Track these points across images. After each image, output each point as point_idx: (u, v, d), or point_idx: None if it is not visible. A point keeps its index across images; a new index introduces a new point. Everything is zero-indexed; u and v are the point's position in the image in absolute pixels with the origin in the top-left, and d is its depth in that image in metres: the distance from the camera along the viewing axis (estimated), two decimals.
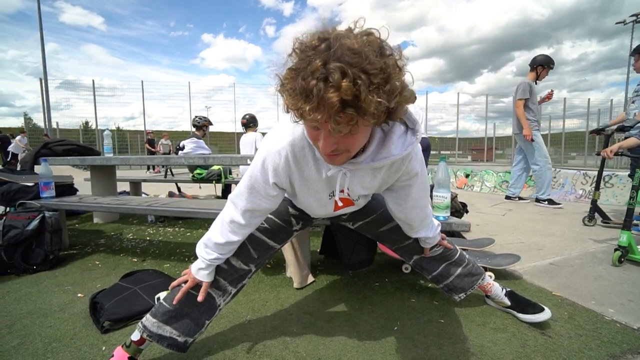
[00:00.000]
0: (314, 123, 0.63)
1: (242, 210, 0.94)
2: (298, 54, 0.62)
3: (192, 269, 1.00)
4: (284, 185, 0.91)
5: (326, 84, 0.57)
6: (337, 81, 0.56)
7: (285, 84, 0.64)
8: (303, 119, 0.63)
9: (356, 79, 0.57)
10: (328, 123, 0.61)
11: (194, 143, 3.72)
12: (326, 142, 0.68)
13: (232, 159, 2.29)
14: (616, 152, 2.46)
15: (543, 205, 3.98)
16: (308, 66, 0.59)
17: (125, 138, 17.42)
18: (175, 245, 2.36)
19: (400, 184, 0.97)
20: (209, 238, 0.99)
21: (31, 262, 1.84)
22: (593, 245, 2.35)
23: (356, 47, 0.58)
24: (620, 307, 1.41)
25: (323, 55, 0.58)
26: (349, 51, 0.57)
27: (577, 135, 17.18)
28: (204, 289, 0.99)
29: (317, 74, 0.58)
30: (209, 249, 0.98)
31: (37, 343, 1.16)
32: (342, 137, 0.66)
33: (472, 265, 1.29)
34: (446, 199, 1.61)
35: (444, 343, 1.15)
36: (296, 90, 0.60)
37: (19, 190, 2.33)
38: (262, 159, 0.87)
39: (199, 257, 1.00)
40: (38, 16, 11.60)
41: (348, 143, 0.70)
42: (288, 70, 0.63)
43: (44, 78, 12.10)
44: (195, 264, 1.01)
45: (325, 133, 0.67)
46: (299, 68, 0.61)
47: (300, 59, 0.61)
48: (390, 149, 0.80)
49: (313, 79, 0.58)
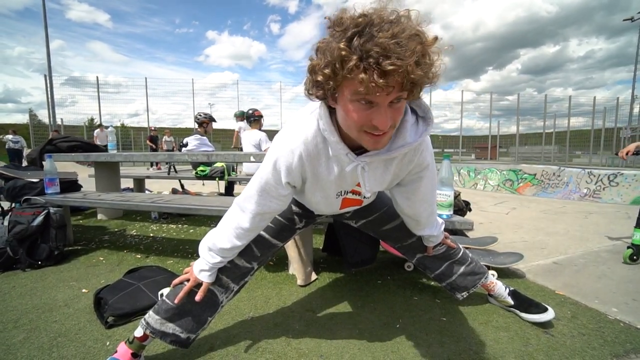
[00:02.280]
0: (375, 95, 0.64)
1: (251, 214, 0.93)
2: (352, 32, 0.62)
3: (194, 269, 1.00)
4: (297, 183, 0.91)
5: (399, 45, 0.59)
6: (409, 44, 0.60)
7: (341, 59, 0.62)
8: (368, 92, 0.63)
9: (423, 43, 0.62)
10: (394, 92, 0.64)
11: (197, 140, 3.72)
12: (386, 116, 0.68)
13: (235, 156, 2.29)
14: (634, 152, 2.37)
15: None
16: (375, 34, 0.60)
17: (129, 135, 17.50)
18: (178, 242, 2.37)
19: (411, 177, 0.96)
20: (214, 243, 0.98)
21: (36, 257, 1.86)
22: (597, 244, 2.34)
23: (412, 18, 0.63)
24: (624, 306, 1.40)
25: (387, 25, 0.61)
26: (409, 24, 0.62)
27: (582, 133, 17.03)
28: (203, 289, 0.99)
29: (388, 38, 0.59)
30: (213, 252, 0.98)
31: (43, 338, 1.17)
32: (394, 111, 0.69)
33: (475, 264, 1.29)
34: (449, 197, 1.60)
35: (446, 341, 1.15)
36: (363, 57, 0.61)
37: (24, 187, 2.36)
38: (274, 160, 0.86)
39: (201, 258, 1.00)
40: (43, 12, 11.65)
41: (397, 117, 0.71)
42: (345, 45, 0.62)
43: (48, 75, 12.17)
44: (198, 264, 1.00)
45: (383, 107, 0.67)
46: (363, 38, 0.61)
47: (359, 33, 0.62)
48: (406, 137, 0.80)
49: (387, 43, 0.59)
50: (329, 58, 0.64)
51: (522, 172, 5.79)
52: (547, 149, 16.78)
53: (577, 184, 4.91)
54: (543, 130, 16.68)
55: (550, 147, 16.70)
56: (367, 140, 0.74)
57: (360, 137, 0.74)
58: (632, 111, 15.97)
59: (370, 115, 0.68)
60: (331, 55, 0.63)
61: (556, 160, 15.49)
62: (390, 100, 0.66)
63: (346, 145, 0.81)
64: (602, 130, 15.97)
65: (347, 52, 0.62)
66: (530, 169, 5.75)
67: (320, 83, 0.68)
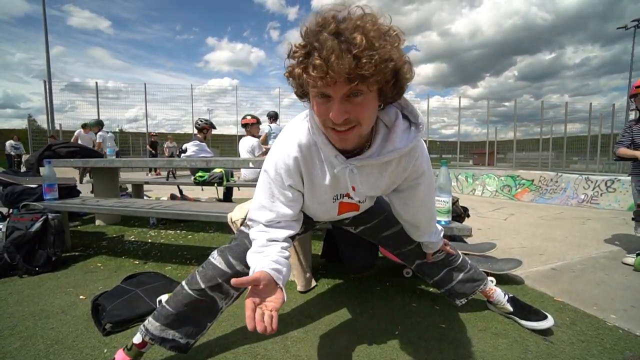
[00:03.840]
0: (327, 86, 0.67)
1: (265, 221, 0.90)
2: (307, 32, 0.68)
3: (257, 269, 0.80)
4: (299, 186, 0.92)
5: (340, 40, 0.63)
6: (352, 36, 0.63)
7: (297, 57, 0.68)
8: (316, 86, 0.67)
9: (367, 35, 0.63)
10: (342, 83, 0.66)
11: (196, 146, 3.73)
12: (339, 109, 0.69)
13: (234, 162, 2.30)
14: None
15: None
16: (322, 31, 0.65)
17: (127, 140, 17.48)
18: (176, 248, 2.36)
19: (408, 184, 0.97)
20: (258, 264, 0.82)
21: (34, 263, 1.85)
22: (595, 250, 2.35)
23: (361, 14, 0.67)
24: (623, 313, 1.40)
25: (333, 23, 0.65)
26: (356, 19, 0.66)
27: (579, 139, 17.14)
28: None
29: (331, 34, 0.64)
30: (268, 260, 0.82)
31: (39, 345, 1.16)
32: (353, 106, 0.70)
33: (474, 271, 1.29)
34: (447, 203, 1.61)
35: (445, 348, 1.15)
36: (310, 53, 0.65)
37: (23, 192, 2.35)
38: (274, 165, 0.88)
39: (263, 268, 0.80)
40: (43, 18, 11.71)
41: (359, 112, 0.71)
42: (299, 44, 0.68)
43: (47, 80, 12.18)
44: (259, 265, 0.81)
45: (337, 101, 0.69)
46: (312, 36, 0.66)
47: (311, 32, 0.67)
48: (395, 142, 0.82)
49: (329, 38, 0.63)
50: (292, 57, 0.71)
51: (520, 178, 5.82)
52: (544, 154, 16.86)
53: (574, 189, 4.94)
54: (540, 136, 16.77)
55: (548, 153, 16.78)
56: (333, 138, 0.78)
57: (328, 134, 0.78)
58: (627, 117, 16.11)
59: (328, 108, 0.71)
60: (292, 53, 0.70)
61: (553, 166, 15.55)
62: (345, 94, 0.68)
63: (334, 147, 0.83)
64: (598, 136, 16.09)
65: (297, 49, 0.68)
66: (527, 175, 5.78)
67: (291, 76, 0.74)
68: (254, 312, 0.68)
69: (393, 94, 0.75)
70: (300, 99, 0.81)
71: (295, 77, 0.72)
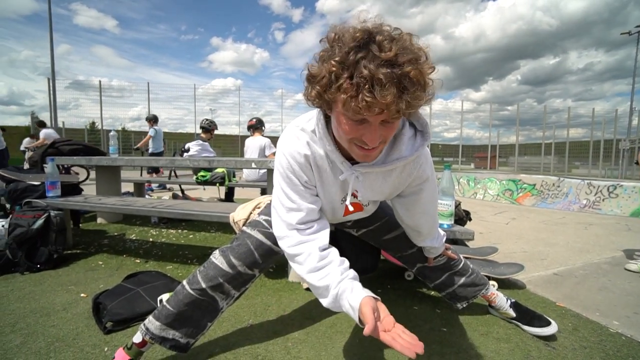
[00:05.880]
0: (372, 113, 0.62)
1: (297, 221, 0.87)
2: (344, 50, 0.62)
3: (354, 312, 0.77)
4: (313, 182, 0.91)
5: (394, 72, 0.59)
6: (406, 71, 0.59)
7: (335, 75, 0.63)
8: (357, 112, 0.63)
9: (422, 72, 0.61)
10: (388, 112, 0.62)
11: (199, 146, 3.74)
12: (375, 134, 0.69)
13: (236, 162, 2.30)
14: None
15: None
16: (368, 50, 0.60)
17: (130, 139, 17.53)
18: (178, 247, 2.36)
19: (411, 189, 0.97)
20: (311, 284, 0.85)
21: (35, 260, 1.85)
22: (597, 256, 2.34)
23: (407, 39, 0.63)
24: (626, 319, 1.39)
25: (384, 42, 0.60)
26: (403, 44, 0.61)
27: (581, 144, 17.11)
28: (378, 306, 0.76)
29: (384, 61, 0.59)
30: (318, 277, 0.83)
31: (40, 342, 1.16)
32: (386, 129, 0.69)
33: (475, 275, 1.28)
34: (450, 206, 1.60)
35: (447, 352, 1.14)
36: (359, 80, 0.60)
37: (26, 189, 2.36)
38: (287, 165, 0.86)
39: (330, 304, 0.83)
40: (49, 16, 11.76)
41: (389, 134, 0.72)
42: (338, 62, 0.62)
43: (51, 77, 12.24)
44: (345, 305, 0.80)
45: (374, 125, 0.67)
46: (353, 55, 0.61)
47: (351, 50, 0.61)
48: (402, 150, 0.82)
49: (381, 67, 0.59)
50: (324, 72, 0.65)
51: (522, 182, 5.81)
52: (547, 159, 16.83)
53: (576, 194, 4.92)
54: (542, 141, 16.75)
55: (550, 157, 16.75)
56: (357, 153, 0.76)
57: (350, 149, 0.76)
58: (630, 123, 16.07)
59: (361, 130, 0.69)
60: (327, 69, 0.65)
61: (555, 171, 15.51)
62: (382, 119, 0.67)
63: (341, 153, 0.83)
64: (601, 141, 16.05)
65: (337, 69, 0.63)
66: (529, 179, 5.76)
67: (318, 92, 0.69)
68: (398, 340, 0.67)
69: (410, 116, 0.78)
70: (312, 105, 0.76)
71: (323, 88, 0.67)
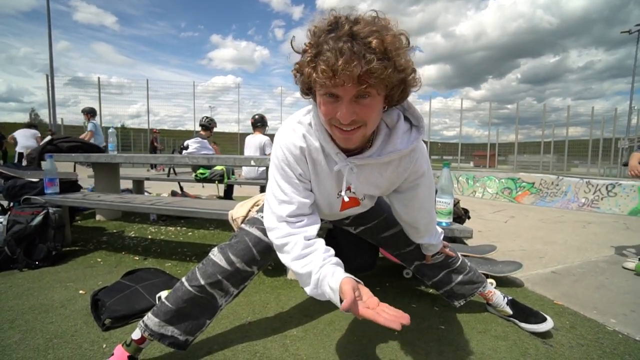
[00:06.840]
0: (336, 87, 0.68)
1: (287, 214, 0.87)
2: (317, 31, 0.69)
3: (334, 294, 0.76)
4: (308, 175, 0.91)
5: (354, 42, 0.64)
6: (367, 40, 0.64)
7: (307, 55, 0.70)
8: (324, 85, 0.68)
9: (383, 41, 0.65)
10: (353, 82, 0.66)
11: (198, 143, 3.74)
12: (347, 110, 0.70)
13: (235, 159, 2.29)
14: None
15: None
16: (334, 31, 0.66)
17: (129, 136, 17.49)
18: (176, 245, 2.36)
19: (408, 185, 0.98)
20: (296, 272, 0.85)
21: (34, 257, 1.85)
22: (595, 254, 2.34)
23: (374, 17, 0.68)
24: (623, 317, 1.40)
25: (347, 24, 0.66)
26: (370, 22, 0.67)
27: (580, 143, 17.14)
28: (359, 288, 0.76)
29: (345, 35, 0.64)
30: (307, 271, 0.82)
31: (39, 339, 1.16)
32: (361, 107, 0.71)
33: (473, 273, 1.29)
34: (449, 204, 1.60)
35: (445, 349, 1.15)
36: (321, 52, 0.66)
37: (24, 186, 2.35)
38: (283, 157, 0.88)
39: (312, 290, 0.82)
40: (47, 12, 11.70)
41: (366, 113, 0.72)
42: (310, 43, 0.70)
43: (50, 74, 12.20)
44: (324, 288, 0.79)
45: (345, 101, 0.70)
46: (324, 35, 0.67)
47: (322, 31, 0.68)
48: (396, 143, 0.84)
49: (342, 39, 0.64)
50: (302, 57, 0.73)
51: (521, 180, 5.81)
52: (546, 158, 16.86)
53: (575, 193, 4.93)
54: (542, 139, 16.77)
55: (549, 156, 16.78)
56: (338, 137, 0.79)
57: (332, 132, 0.79)
58: (630, 122, 16.11)
59: (335, 108, 0.72)
60: (303, 52, 0.73)
61: (554, 170, 15.54)
62: (354, 95, 0.69)
63: (336, 145, 0.84)
64: (600, 140, 16.08)
65: (307, 47, 0.71)
66: (528, 178, 5.77)
67: (300, 78, 0.76)
68: (381, 314, 0.71)
69: (398, 98, 0.77)
70: (304, 96, 0.82)
71: (303, 74, 0.73)
